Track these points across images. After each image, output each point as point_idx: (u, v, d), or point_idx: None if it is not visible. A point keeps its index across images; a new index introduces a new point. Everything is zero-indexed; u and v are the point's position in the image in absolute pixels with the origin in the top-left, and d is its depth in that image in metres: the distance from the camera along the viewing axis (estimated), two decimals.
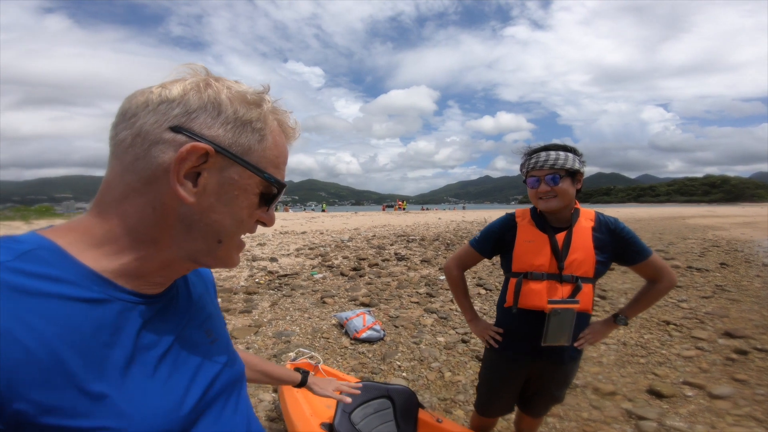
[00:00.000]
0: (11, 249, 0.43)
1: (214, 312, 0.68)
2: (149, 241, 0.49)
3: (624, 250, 1.51)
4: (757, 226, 20.29)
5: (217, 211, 0.50)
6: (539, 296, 1.47)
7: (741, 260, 8.87)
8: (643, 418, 2.37)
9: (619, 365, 3.19)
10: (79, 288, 0.45)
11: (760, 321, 4.37)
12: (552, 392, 1.66)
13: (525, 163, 1.54)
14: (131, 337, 0.48)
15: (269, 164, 0.52)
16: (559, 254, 1.47)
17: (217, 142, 0.48)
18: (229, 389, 0.61)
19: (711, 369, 3.12)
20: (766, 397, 2.65)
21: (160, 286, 0.55)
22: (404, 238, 11.93)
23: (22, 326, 0.39)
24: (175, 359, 0.53)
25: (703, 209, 59.33)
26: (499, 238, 1.63)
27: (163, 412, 0.48)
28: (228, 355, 0.64)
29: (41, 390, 0.39)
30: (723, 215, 33.77)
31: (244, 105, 0.49)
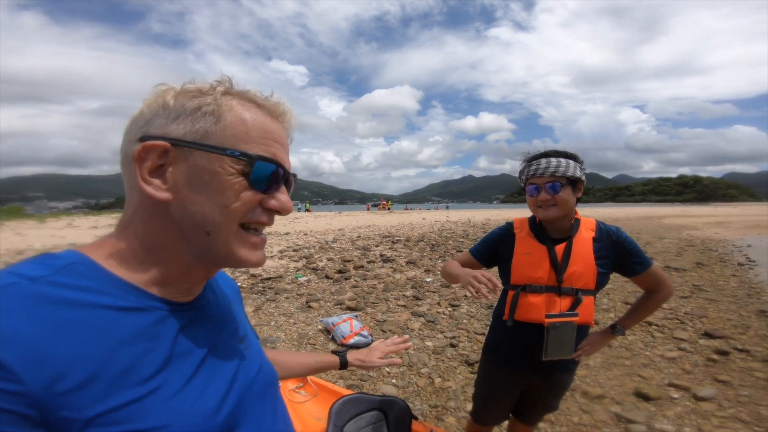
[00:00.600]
0: (50, 264, 0.46)
1: (243, 320, 0.71)
2: (160, 249, 0.52)
3: (625, 261, 1.47)
4: (729, 225, 21.08)
5: (193, 201, 0.50)
6: (537, 309, 1.44)
7: (716, 260, 9.18)
8: (632, 422, 2.40)
9: (606, 368, 3.22)
10: (116, 298, 0.47)
11: (738, 321, 4.49)
12: (548, 402, 1.65)
13: (524, 170, 1.49)
14: (168, 343, 0.50)
15: (237, 141, 0.50)
16: (558, 266, 1.44)
17: (170, 136, 0.49)
18: (264, 393, 0.63)
19: (694, 370, 3.18)
20: (749, 398, 2.71)
21: (189, 293, 0.57)
22: (389, 239, 11.90)
23: (63, 336, 0.41)
24: (211, 365, 0.55)
25: (677, 209, 61.33)
26: (494, 248, 1.60)
27: (201, 417, 0.49)
28: (261, 360, 0.67)
29: (84, 397, 0.40)
30: (696, 215, 34.98)
31: (189, 97, 0.50)
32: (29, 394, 0.37)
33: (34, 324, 0.40)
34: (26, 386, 0.37)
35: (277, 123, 0.55)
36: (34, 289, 0.42)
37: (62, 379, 0.39)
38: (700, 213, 40.45)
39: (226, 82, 0.53)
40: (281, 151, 0.55)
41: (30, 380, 0.37)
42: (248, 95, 0.53)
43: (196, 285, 0.58)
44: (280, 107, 0.55)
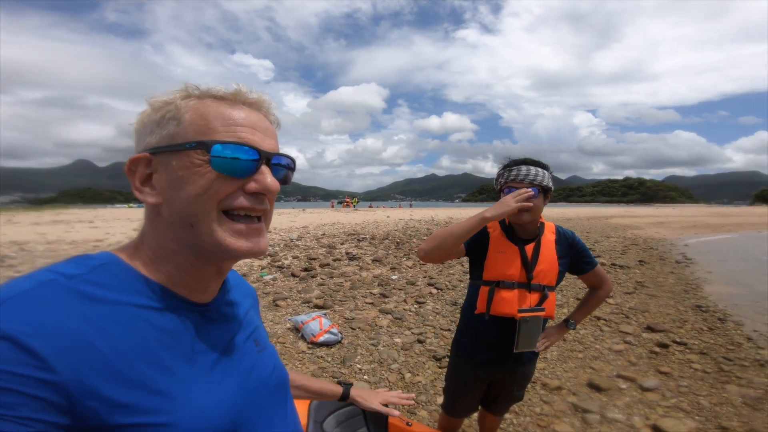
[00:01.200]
0: (85, 264, 0.50)
1: (259, 325, 0.75)
2: (163, 249, 0.56)
3: (578, 261, 1.67)
4: (668, 225, 22.83)
5: (174, 198, 0.53)
6: (510, 304, 1.56)
7: (656, 258, 9.94)
8: (588, 411, 2.61)
9: (562, 360, 3.46)
10: (143, 297, 0.52)
11: (676, 315, 4.94)
12: (514, 393, 1.78)
13: (503, 174, 1.59)
14: (188, 341, 0.54)
15: (197, 134, 0.53)
16: (528, 265, 1.58)
17: (148, 147, 0.55)
18: (276, 393, 0.67)
19: (638, 362, 3.48)
20: (689, 388, 3.00)
21: (206, 293, 0.60)
22: (354, 236, 11.93)
23: (94, 329, 0.45)
24: (226, 365, 0.58)
25: (622, 209, 65.48)
26: (476, 239, 1.64)
27: (217, 411, 0.53)
28: (274, 363, 0.70)
29: (111, 388, 0.44)
30: (639, 215, 37.55)
31: (156, 110, 0.55)
32: (60, 383, 0.40)
33: (69, 317, 0.43)
34: (58, 375, 0.40)
35: (243, 110, 0.56)
36: (71, 285, 0.46)
37: (91, 370, 0.42)
38: (642, 213, 43.47)
39: (189, 89, 0.55)
40: (251, 133, 0.55)
41: (62, 370, 0.40)
42: (208, 93, 0.55)
43: (211, 284, 0.60)
44: (241, 95, 0.56)
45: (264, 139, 0.56)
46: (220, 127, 0.53)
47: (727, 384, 3.07)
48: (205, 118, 0.53)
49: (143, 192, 0.55)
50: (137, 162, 0.55)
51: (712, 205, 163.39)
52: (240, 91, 0.56)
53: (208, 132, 0.53)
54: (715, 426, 2.48)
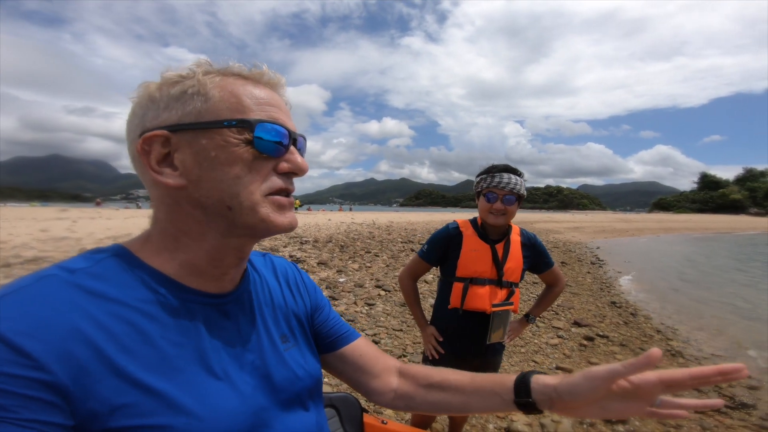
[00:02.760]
0: (92, 258, 0.49)
1: (295, 315, 0.69)
2: (185, 236, 0.52)
3: (538, 261, 1.84)
4: (583, 230, 25.29)
5: (207, 180, 0.50)
6: (483, 299, 1.69)
7: (575, 259, 10.99)
8: None
9: (507, 355, 3.72)
10: (149, 291, 0.49)
11: (596, 311, 5.53)
12: None
13: (486, 179, 1.70)
14: (198, 337, 0.51)
15: (232, 112, 0.50)
16: (499, 263, 1.72)
17: (166, 124, 0.50)
18: (301, 396, 0.62)
19: (572, 355, 3.87)
20: None
21: (224, 282, 0.57)
22: (296, 239, 11.68)
23: (94, 326, 0.42)
24: (244, 362, 0.55)
25: (544, 215, 71.17)
26: (445, 247, 1.80)
27: (230, 412, 0.49)
28: (304, 361, 0.65)
29: (111, 388, 0.41)
30: (558, 220, 41.14)
31: (171, 84, 0.51)
32: (56, 383, 0.38)
33: (67, 314, 0.41)
34: (53, 375, 0.38)
35: (267, 89, 0.54)
36: (72, 280, 0.44)
37: (90, 369, 0.40)
38: (561, 219, 47.66)
39: (204, 64, 0.53)
40: (280, 113, 0.54)
41: (58, 370, 0.38)
42: (230, 70, 0.53)
43: (230, 271, 0.57)
44: (265, 75, 0.55)
45: (288, 120, 0.56)
46: (253, 105, 0.51)
47: None
48: (237, 96, 0.51)
49: (162, 173, 0.50)
50: (153, 140, 0.50)
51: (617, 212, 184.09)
52: (263, 71, 0.55)
53: (243, 110, 0.51)
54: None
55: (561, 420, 2.59)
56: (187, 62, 0.54)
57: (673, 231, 29.25)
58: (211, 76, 0.51)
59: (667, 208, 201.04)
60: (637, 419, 2.68)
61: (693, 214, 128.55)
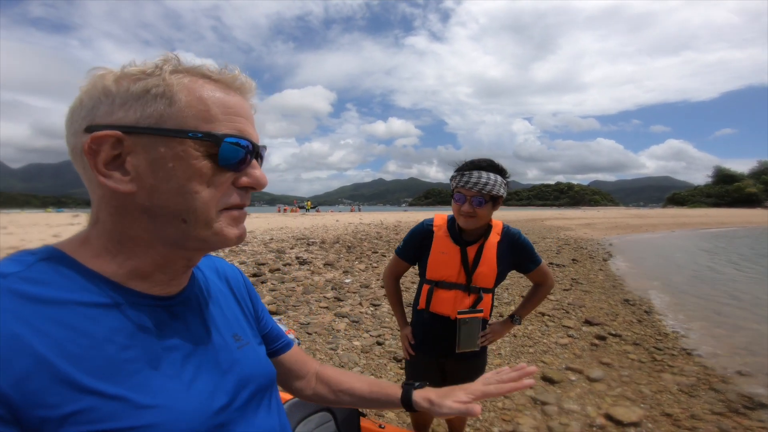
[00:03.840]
0: (24, 261, 0.45)
1: (243, 316, 0.69)
2: (131, 242, 0.49)
3: (522, 260, 1.69)
4: (594, 226, 24.90)
5: (162, 190, 0.47)
6: (447, 305, 1.61)
7: (586, 256, 10.78)
8: (546, 403, 2.75)
9: (515, 356, 3.63)
10: (91, 293, 0.46)
11: (609, 309, 5.38)
12: None
13: (456, 178, 1.57)
14: (148, 339, 0.49)
15: (197, 121, 0.47)
16: (468, 268, 1.60)
17: (121, 123, 0.45)
18: (260, 393, 0.62)
19: (583, 354, 3.74)
20: (630, 378, 3.25)
21: (171, 285, 0.55)
22: (304, 241, 11.66)
23: (34, 333, 0.40)
24: (199, 362, 0.53)
25: (555, 212, 70.52)
26: (418, 245, 1.72)
27: (188, 413, 0.48)
28: (258, 360, 0.65)
29: (58, 395, 0.39)
30: (570, 217, 40.61)
31: (132, 80, 0.46)
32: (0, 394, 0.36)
33: (2, 321, 0.39)
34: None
35: (237, 95, 0.52)
36: (5, 285, 0.42)
37: (34, 377, 0.38)
38: (572, 216, 47.07)
39: (172, 60, 0.49)
40: (247, 124, 0.52)
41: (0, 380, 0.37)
42: (200, 71, 0.49)
43: (178, 275, 0.55)
44: (237, 79, 0.52)
45: (253, 129, 0.53)
46: (221, 115, 0.48)
47: (662, 372, 3.37)
48: (204, 102, 0.48)
49: (111, 177, 0.46)
50: (103, 140, 0.45)
51: (630, 208, 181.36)
52: (236, 74, 0.51)
53: (210, 119, 0.47)
54: (660, 413, 2.69)
55: (569, 423, 2.49)
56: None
57: (688, 226, 28.62)
58: (179, 76, 0.47)
59: (682, 202, 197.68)
60: (649, 422, 2.57)
61: (708, 208, 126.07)
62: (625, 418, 2.54)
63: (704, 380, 3.21)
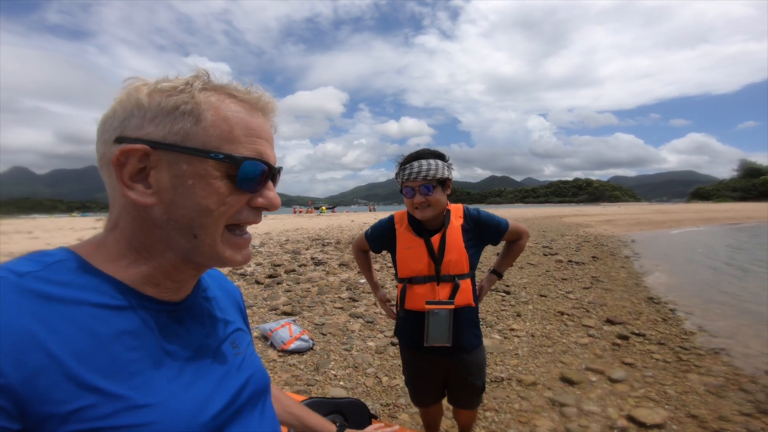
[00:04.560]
0: (40, 261, 0.47)
1: (240, 327, 0.71)
2: (145, 249, 0.52)
3: (488, 233, 1.69)
4: (615, 223, 24.30)
5: (179, 206, 0.49)
6: (420, 298, 1.58)
7: (607, 253, 10.52)
8: (565, 405, 2.67)
9: (533, 356, 3.54)
10: (103, 295, 0.48)
11: (631, 307, 5.21)
12: (471, 382, 1.71)
13: (400, 173, 1.58)
14: (153, 342, 0.50)
15: (220, 141, 0.49)
16: (435, 258, 1.58)
17: (150, 138, 0.48)
18: (254, 400, 0.63)
19: (604, 354, 3.62)
20: (654, 378, 3.13)
21: (178, 292, 0.57)
22: (319, 241, 11.72)
23: (46, 330, 0.41)
24: (198, 367, 0.55)
25: (574, 209, 69.14)
26: (383, 240, 1.76)
27: (185, 416, 0.49)
28: (254, 367, 0.66)
29: (64, 391, 0.41)
30: (589, 214, 39.76)
31: (164, 95, 0.48)
32: (7, 387, 0.38)
33: (18, 317, 0.40)
34: (5, 378, 0.37)
35: (260, 116, 0.54)
36: (21, 283, 0.43)
37: (43, 373, 0.40)
38: (592, 212, 46.07)
39: (203, 77, 0.51)
40: (266, 146, 0.54)
41: (9, 372, 0.38)
42: (227, 90, 0.52)
43: (186, 283, 0.58)
44: (262, 100, 0.54)
45: (272, 150, 0.55)
46: (243, 137, 0.51)
47: (688, 373, 3.24)
48: (229, 123, 0.50)
49: (134, 189, 0.49)
50: (131, 153, 0.48)
51: (653, 203, 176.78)
52: (261, 97, 0.54)
53: (232, 141, 0.50)
54: (685, 414, 2.59)
55: (589, 425, 2.41)
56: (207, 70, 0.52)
57: (714, 221, 27.63)
58: (208, 93, 0.50)
59: (707, 197, 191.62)
60: (674, 424, 2.46)
61: (735, 202, 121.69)
62: (648, 420, 2.44)
63: (733, 380, 3.08)
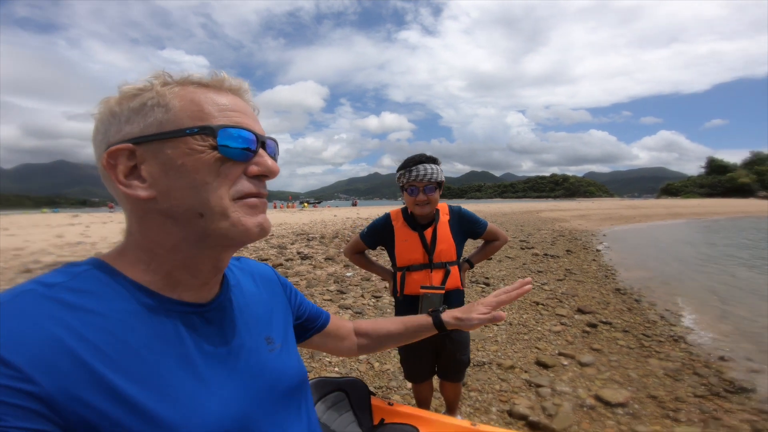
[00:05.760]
0: (68, 272, 0.49)
1: (277, 317, 0.72)
2: (159, 247, 0.53)
3: (471, 229, 2.01)
4: (589, 218, 25.18)
5: (176, 189, 0.50)
6: (416, 284, 1.88)
7: (580, 247, 11.00)
8: (540, 386, 2.95)
9: (511, 342, 3.83)
10: (129, 302, 0.50)
11: (600, 298, 5.60)
12: (457, 357, 2.03)
13: (405, 174, 1.85)
14: (182, 345, 0.52)
15: (193, 120, 0.51)
16: (428, 248, 1.88)
17: (129, 137, 0.50)
18: (289, 397, 0.63)
19: (575, 341, 3.94)
20: (618, 363, 3.44)
21: (203, 291, 0.58)
22: (304, 236, 11.82)
23: (75, 338, 0.43)
24: (229, 366, 0.56)
25: (550, 204, 70.76)
26: (380, 235, 2.01)
27: (214, 418, 0.50)
28: (290, 361, 0.67)
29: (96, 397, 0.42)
30: (564, 209, 40.91)
31: (130, 97, 0.51)
32: (42, 395, 0.39)
33: (47, 327, 0.42)
34: (39, 387, 0.39)
35: (229, 96, 0.55)
36: (50, 294, 0.45)
37: (75, 380, 0.41)
38: (567, 207, 47.40)
39: (162, 75, 0.53)
40: (245, 118, 0.54)
41: (43, 381, 0.39)
42: (188, 80, 0.53)
43: (209, 281, 0.58)
44: (225, 82, 0.55)
45: (255, 123, 0.57)
46: (216, 112, 0.52)
47: (649, 358, 3.56)
48: (198, 103, 0.52)
49: (131, 186, 0.51)
50: (117, 154, 0.50)
51: (625, 199, 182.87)
52: (224, 77, 0.55)
53: (205, 117, 0.51)
54: (645, 395, 2.88)
55: (561, 404, 2.69)
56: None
57: (681, 216, 29.00)
58: (170, 86, 0.52)
59: (675, 193, 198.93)
60: (636, 404, 2.76)
61: (702, 198, 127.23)
62: (613, 400, 2.73)
63: (688, 365, 3.39)
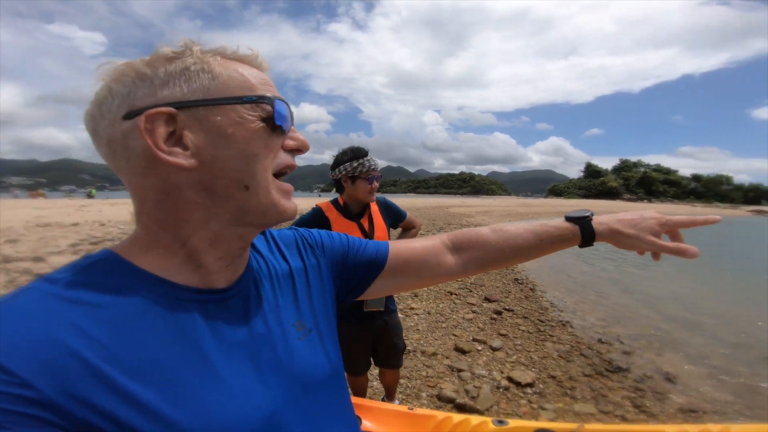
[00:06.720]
0: (76, 266, 0.45)
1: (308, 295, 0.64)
2: (182, 225, 0.48)
3: (396, 217, 2.14)
4: (491, 214, 27.62)
5: (223, 159, 0.46)
6: None
7: None
8: (461, 370, 3.23)
9: (431, 330, 4.13)
10: (140, 293, 0.45)
11: (503, 287, 6.27)
12: (395, 342, 2.13)
13: (363, 164, 1.88)
14: (199, 336, 0.47)
15: (244, 89, 0.48)
16: (368, 236, 1.93)
17: (168, 101, 0.45)
18: (323, 391, 0.57)
19: (485, 327, 4.37)
20: (522, 346, 3.88)
21: (226, 272, 0.53)
22: None
23: (78, 336, 0.39)
24: (253, 357, 0.51)
25: (458, 200, 75.61)
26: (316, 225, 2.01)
27: (236, 420, 0.45)
28: (322, 348, 0.61)
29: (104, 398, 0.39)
30: (471, 205, 44.19)
31: (167, 60, 0.47)
32: (43, 400, 0.36)
33: (47, 327, 0.38)
34: (39, 392, 0.36)
35: (260, 71, 0.53)
36: (52, 291, 0.41)
37: (79, 381, 0.38)
38: (473, 204, 51.26)
39: (197, 43, 0.49)
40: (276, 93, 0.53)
41: (43, 386, 0.36)
42: (224, 52, 0.50)
43: (234, 260, 0.53)
44: (257, 58, 0.53)
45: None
46: (260, 84, 0.50)
47: (545, 341, 4.07)
48: (242, 74, 0.49)
49: (173, 153, 0.45)
50: (156, 117, 0.44)
51: (520, 197, 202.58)
52: (256, 53, 0.53)
53: (252, 88, 0.49)
54: (547, 375, 3.28)
55: (481, 386, 2.99)
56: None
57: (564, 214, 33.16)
58: (209, 55, 0.49)
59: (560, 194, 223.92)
60: (540, 383, 3.13)
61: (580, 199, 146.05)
62: (522, 380, 3.08)
63: (576, 347, 3.92)
